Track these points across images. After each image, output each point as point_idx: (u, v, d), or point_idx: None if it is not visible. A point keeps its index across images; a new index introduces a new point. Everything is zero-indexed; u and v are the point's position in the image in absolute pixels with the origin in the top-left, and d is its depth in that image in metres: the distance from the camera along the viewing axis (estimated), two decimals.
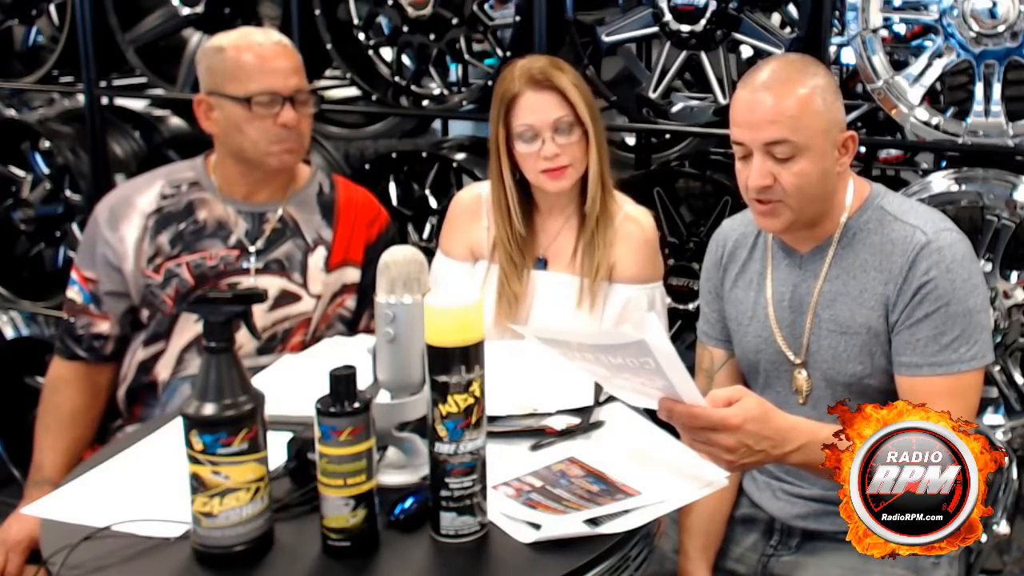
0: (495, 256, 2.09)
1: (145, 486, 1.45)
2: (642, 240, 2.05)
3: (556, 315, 2.03)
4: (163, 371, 2.07)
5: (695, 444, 1.41)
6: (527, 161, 2.00)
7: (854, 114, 2.93)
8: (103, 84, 3.18)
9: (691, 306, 2.63)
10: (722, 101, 2.50)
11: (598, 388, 1.67)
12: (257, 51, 2.01)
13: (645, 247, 2.05)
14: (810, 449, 1.41)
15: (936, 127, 2.31)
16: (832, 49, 2.59)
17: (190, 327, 2.05)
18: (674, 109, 2.65)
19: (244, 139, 2.01)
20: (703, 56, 2.48)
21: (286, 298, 2.09)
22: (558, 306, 2.04)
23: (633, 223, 2.06)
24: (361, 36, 2.80)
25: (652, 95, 2.56)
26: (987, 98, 2.25)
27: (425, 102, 2.81)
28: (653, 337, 1.26)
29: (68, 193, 3.28)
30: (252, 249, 2.07)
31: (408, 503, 1.33)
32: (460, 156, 2.88)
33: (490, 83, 2.55)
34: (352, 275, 2.15)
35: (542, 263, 2.09)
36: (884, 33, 2.39)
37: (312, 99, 2.07)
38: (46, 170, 3.33)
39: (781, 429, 1.42)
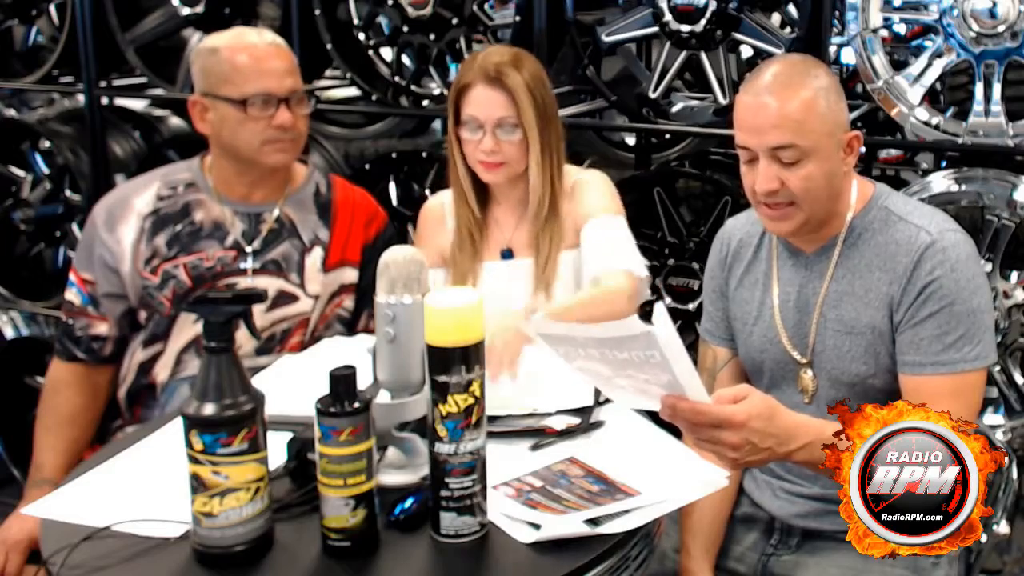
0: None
1: (145, 486, 1.45)
2: (585, 186, 2.08)
3: (519, 298, 2.05)
4: (161, 372, 2.07)
5: (699, 442, 1.40)
6: (468, 147, 2.04)
7: (854, 114, 2.93)
8: (103, 84, 3.18)
9: (691, 306, 2.63)
10: (722, 101, 2.51)
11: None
12: (251, 52, 2.01)
13: (588, 190, 2.08)
14: (815, 447, 1.40)
15: (936, 127, 2.31)
16: (832, 49, 2.59)
17: (188, 328, 2.05)
18: (674, 109, 2.65)
19: (239, 140, 2.01)
20: (703, 56, 2.48)
21: (283, 299, 2.08)
22: (522, 290, 2.07)
23: (576, 184, 2.09)
24: (361, 36, 2.80)
25: (652, 95, 2.56)
26: (987, 98, 2.25)
27: (425, 102, 2.81)
28: (661, 329, 1.26)
29: (68, 193, 3.28)
30: (249, 250, 2.07)
31: (408, 503, 1.33)
32: None
33: None
34: (350, 275, 2.15)
35: (508, 253, 2.12)
36: (884, 33, 2.39)
37: (308, 99, 2.07)
38: (46, 170, 3.33)
39: (786, 427, 1.42)
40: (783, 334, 1.76)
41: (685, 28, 2.44)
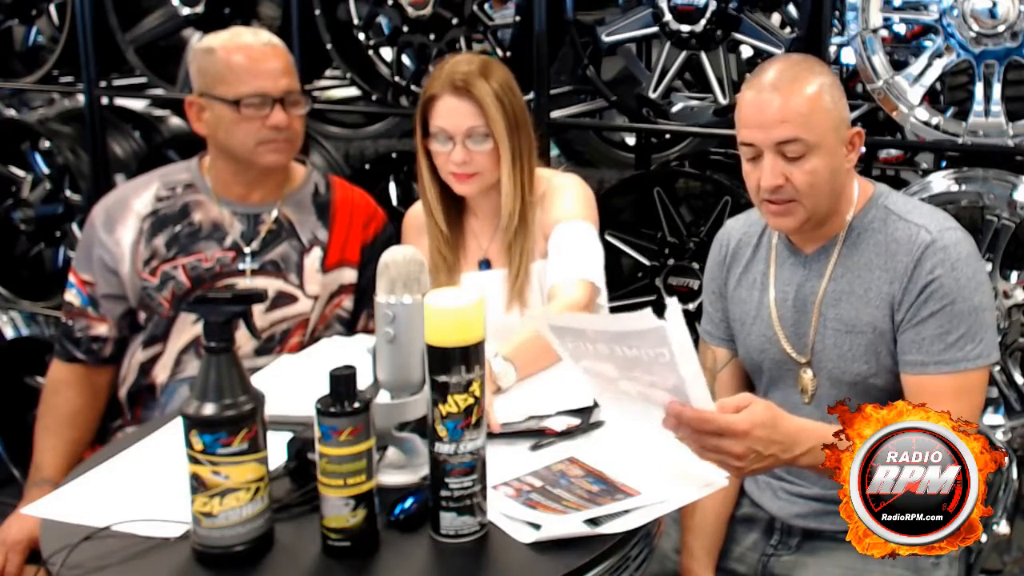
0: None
1: (145, 486, 1.45)
2: (556, 192, 2.05)
3: (496, 309, 2.03)
4: (161, 373, 2.07)
5: (704, 452, 1.39)
6: (439, 160, 2.02)
7: (854, 114, 2.93)
8: (103, 84, 3.18)
9: (691, 306, 2.63)
10: (722, 101, 2.51)
11: None
12: (247, 52, 2.00)
13: (559, 196, 2.05)
14: (819, 451, 1.40)
15: (936, 127, 2.31)
16: (832, 49, 2.59)
17: (187, 329, 2.05)
18: (674, 109, 2.65)
19: (234, 140, 2.01)
20: (703, 56, 2.48)
21: (283, 299, 2.08)
22: (499, 301, 2.05)
23: (548, 191, 2.06)
24: (361, 36, 2.80)
25: (652, 95, 2.56)
26: (987, 98, 2.25)
27: None
28: (673, 326, 1.26)
29: (68, 193, 3.28)
30: (247, 250, 2.07)
31: (408, 503, 1.33)
32: None
33: None
34: (349, 276, 2.15)
35: (486, 264, 2.10)
36: (884, 33, 2.39)
37: (303, 99, 2.07)
38: (46, 170, 3.34)
39: (790, 433, 1.42)
40: (780, 334, 1.76)
41: (685, 28, 2.44)
